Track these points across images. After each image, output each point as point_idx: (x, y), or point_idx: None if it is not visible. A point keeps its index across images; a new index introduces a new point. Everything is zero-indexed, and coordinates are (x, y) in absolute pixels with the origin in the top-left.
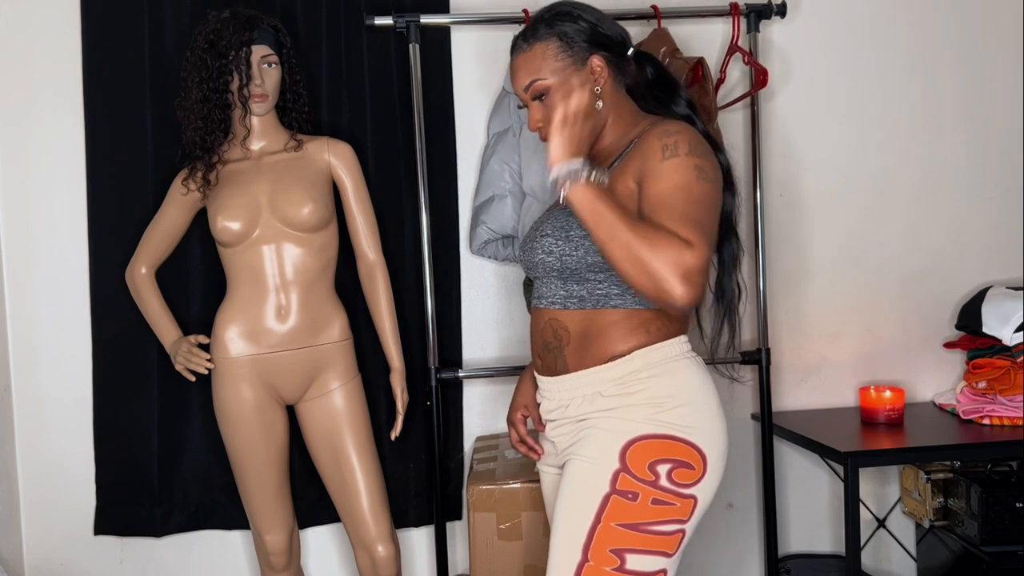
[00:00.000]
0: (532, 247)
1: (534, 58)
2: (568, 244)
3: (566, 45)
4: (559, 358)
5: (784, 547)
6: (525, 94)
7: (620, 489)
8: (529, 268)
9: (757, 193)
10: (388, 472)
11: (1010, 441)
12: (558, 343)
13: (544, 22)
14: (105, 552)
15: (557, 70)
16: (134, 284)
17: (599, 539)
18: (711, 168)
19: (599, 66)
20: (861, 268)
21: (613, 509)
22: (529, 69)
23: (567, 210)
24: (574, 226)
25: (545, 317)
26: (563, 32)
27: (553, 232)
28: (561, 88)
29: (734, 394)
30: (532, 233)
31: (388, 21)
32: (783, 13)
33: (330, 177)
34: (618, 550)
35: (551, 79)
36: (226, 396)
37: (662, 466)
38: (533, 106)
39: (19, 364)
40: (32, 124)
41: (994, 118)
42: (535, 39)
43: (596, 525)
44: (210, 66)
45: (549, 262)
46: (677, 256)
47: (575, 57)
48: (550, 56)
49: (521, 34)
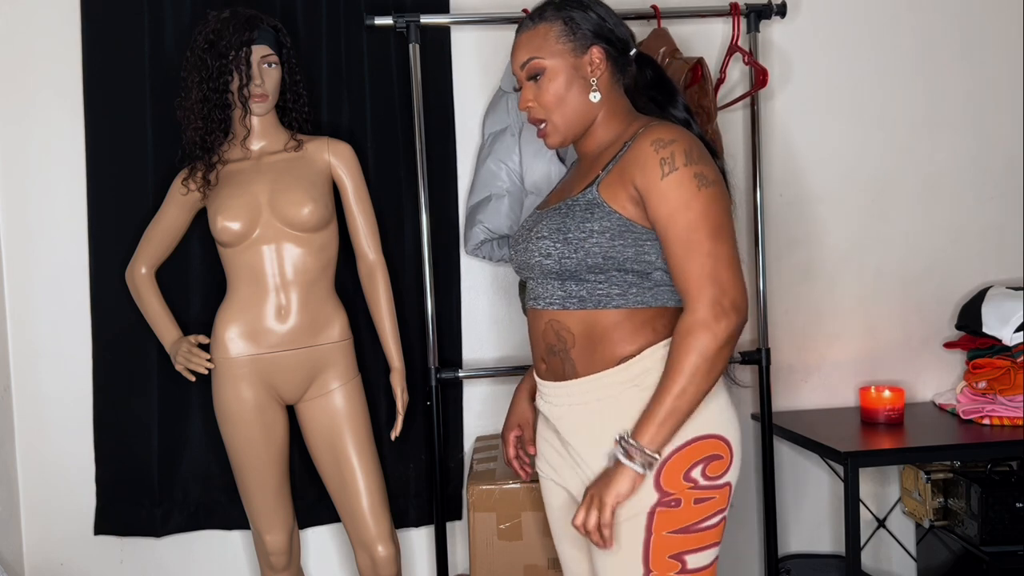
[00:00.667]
0: (527, 248)
1: (536, 37)
2: (567, 246)
3: (570, 31)
4: (566, 361)
5: (784, 547)
6: (521, 71)
7: (665, 500)
8: (523, 269)
9: (757, 193)
10: (388, 472)
11: (1010, 441)
12: (562, 345)
13: (554, 5)
14: (105, 552)
15: (556, 53)
16: (134, 284)
17: (656, 549)
18: (711, 170)
19: (598, 57)
20: (861, 268)
21: (660, 520)
22: (530, 47)
23: (561, 210)
24: (571, 228)
25: (545, 318)
26: (570, 17)
27: (550, 234)
28: (559, 71)
29: (734, 394)
30: (526, 234)
31: (388, 21)
32: (783, 13)
33: (330, 177)
34: (677, 554)
35: (549, 60)
36: (226, 396)
37: (695, 469)
38: (527, 85)
39: (19, 364)
40: (32, 124)
41: (994, 118)
42: (541, 19)
43: (649, 538)
44: (210, 66)
45: (547, 264)
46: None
47: (577, 44)
48: (552, 38)
49: (530, 15)
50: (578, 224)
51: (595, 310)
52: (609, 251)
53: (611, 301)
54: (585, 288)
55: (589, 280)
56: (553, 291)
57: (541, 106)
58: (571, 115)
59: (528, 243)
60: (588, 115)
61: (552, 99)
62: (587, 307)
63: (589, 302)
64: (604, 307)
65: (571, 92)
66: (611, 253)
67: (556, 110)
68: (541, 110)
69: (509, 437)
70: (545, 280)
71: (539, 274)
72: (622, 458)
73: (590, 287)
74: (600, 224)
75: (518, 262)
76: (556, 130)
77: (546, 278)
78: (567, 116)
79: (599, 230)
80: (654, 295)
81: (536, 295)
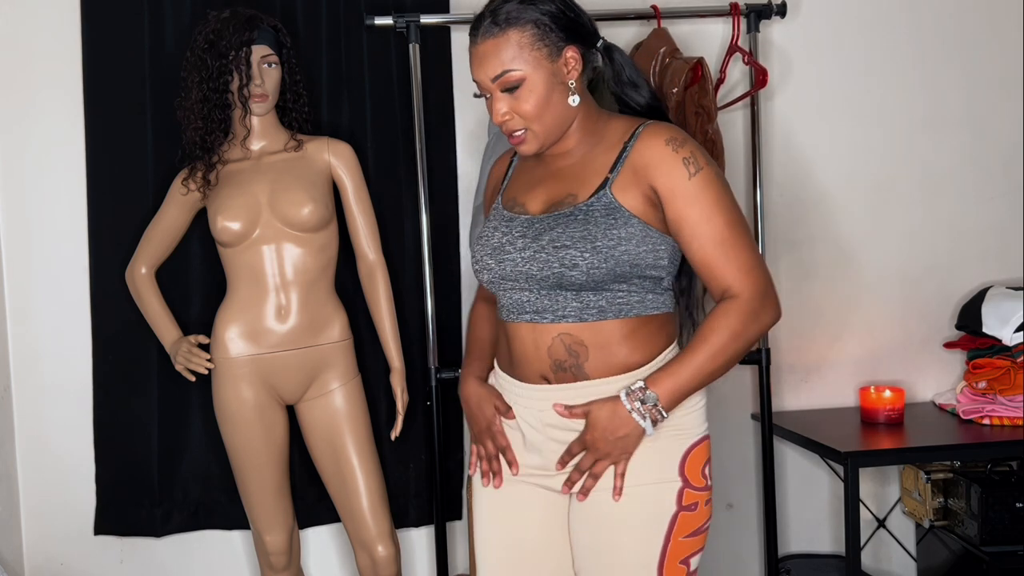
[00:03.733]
0: (535, 259)
1: (507, 45)
2: (596, 256)
3: (543, 34)
4: (579, 375)
5: (784, 547)
6: (492, 83)
7: (685, 505)
8: (517, 279)
9: (757, 193)
10: (388, 472)
11: (1010, 441)
12: (575, 360)
13: (516, 3)
14: (105, 552)
15: (532, 61)
16: (134, 284)
17: (671, 556)
18: (712, 160)
19: (574, 58)
20: (861, 268)
21: (680, 525)
22: (502, 57)
23: (577, 216)
24: (598, 236)
25: (552, 332)
26: (539, 20)
27: (575, 243)
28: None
29: (734, 394)
30: (523, 243)
31: (388, 21)
32: (783, 13)
33: (330, 177)
34: (685, 559)
35: (526, 71)
36: (226, 396)
37: (708, 467)
38: (500, 97)
39: (19, 364)
40: (32, 124)
41: (994, 118)
42: (508, 24)
43: (667, 545)
44: (210, 66)
45: (572, 276)
46: (749, 315)
47: (550, 47)
48: (526, 45)
49: (489, 14)
50: (604, 231)
51: (615, 320)
52: (635, 258)
53: (631, 309)
54: (604, 298)
55: (610, 289)
56: (565, 303)
57: (520, 117)
58: (552, 122)
59: (539, 252)
60: (568, 119)
61: (533, 110)
62: (607, 317)
63: (609, 312)
64: (624, 316)
65: (552, 100)
66: (636, 260)
67: (537, 120)
68: (520, 121)
69: (497, 426)
70: (553, 292)
71: (551, 285)
72: (635, 415)
73: (610, 296)
74: (625, 231)
75: (512, 272)
76: (536, 138)
77: (558, 289)
78: (548, 124)
79: (625, 237)
80: (664, 300)
81: (538, 308)
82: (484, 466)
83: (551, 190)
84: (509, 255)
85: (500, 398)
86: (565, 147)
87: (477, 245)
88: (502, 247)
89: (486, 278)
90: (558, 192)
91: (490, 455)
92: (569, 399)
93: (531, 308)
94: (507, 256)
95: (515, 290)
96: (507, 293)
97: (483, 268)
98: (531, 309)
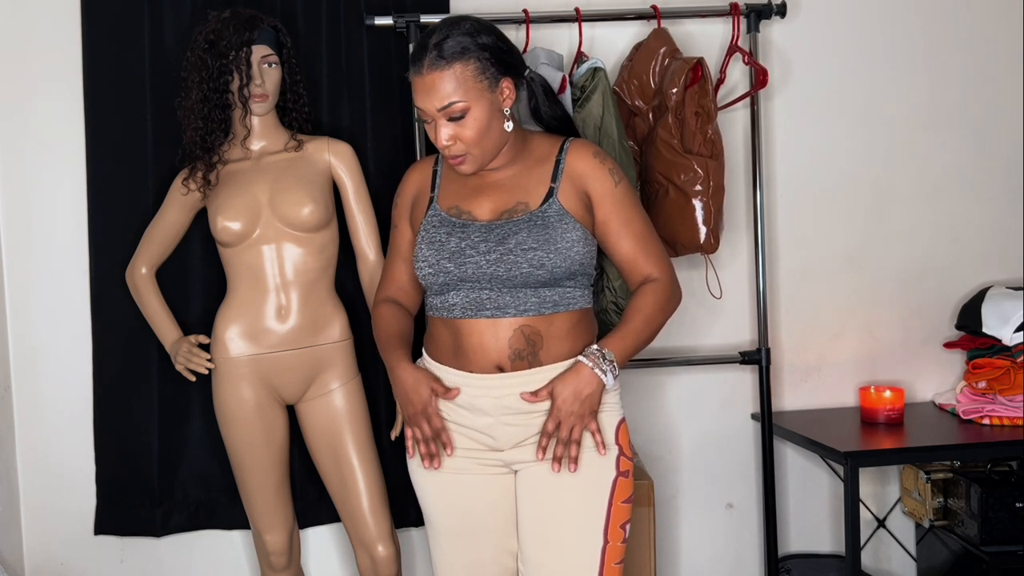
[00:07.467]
0: (503, 260)
1: (452, 78)
2: (557, 256)
3: (483, 67)
4: (533, 362)
5: (784, 547)
6: (438, 112)
7: (622, 471)
8: (483, 279)
9: (757, 193)
10: (388, 472)
11: (1010, 441)
12: (531, 349)
13: (459, 38)
14: (105, 552)
15: (475, 93)
16: (134, 284)
17: (613, 519)
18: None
19: (509, 88)
20: (861, 268)
21: (619, 490)
22: (447, 90)
23: (535, 221)
24: (557, 238)
25: (513, 326)
26: (480, 55)
27: (540, 245)
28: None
29: (734, 394)
30: (486, 247)
31: (388, 21)
32: (783, 13)
33: (330, 177)
34: (623, 523)
35: (470, 102)
36: (226, 396)
37: (631, 443)
38: (445, 124)
39: (19, 364)
40: (33, 124)
41: (994, 118)
42: (454, 58)
43: (610, 507)
44: (210, 66)
45: (538, 275)
46: (669, 294)
47: (489, 80)
48: (470, 78)
49: (434, 48)
50: (560, 234)
51: (565, 312)
52: (582, 258)
53: (575, 303)
54: (557, 293)
55: (564, 285)
56: (526, 299)
57: (463, 142)
58: (490, 146)
59: (506, 255)
60: (503, 142)
61: (475, 136)
62: (559, 310)
63: (561, 305)
64: (571, 309)
65: (491, 126)
66: (583, 259)
67: (478, 145)
68: (462, 146)
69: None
70: (515, 289)
71: (516, 284)
72: (596, 371)
73: (562, 291)
74: (574, 234)
75: (474, 274)
76: (475, 160)
77: (520, 287)
78: (487, 148)
79: (575, 239)
80: (589, 296)
81: (499, 304)
82: (423, 448)
83: (497, 200)
84: (471, 258)
85: (437, 380)
86: (498, 163)
87: (428, 250)
88: (461, 251)
89: (441, 280)
90: (506, 201)
91: (427, 436)
92: (527, 384)
93: (492, 305)
94: (469, 259)
95: (474, 290)
96: (462, 293)
97: (439, 271)
98: (492, 306)
